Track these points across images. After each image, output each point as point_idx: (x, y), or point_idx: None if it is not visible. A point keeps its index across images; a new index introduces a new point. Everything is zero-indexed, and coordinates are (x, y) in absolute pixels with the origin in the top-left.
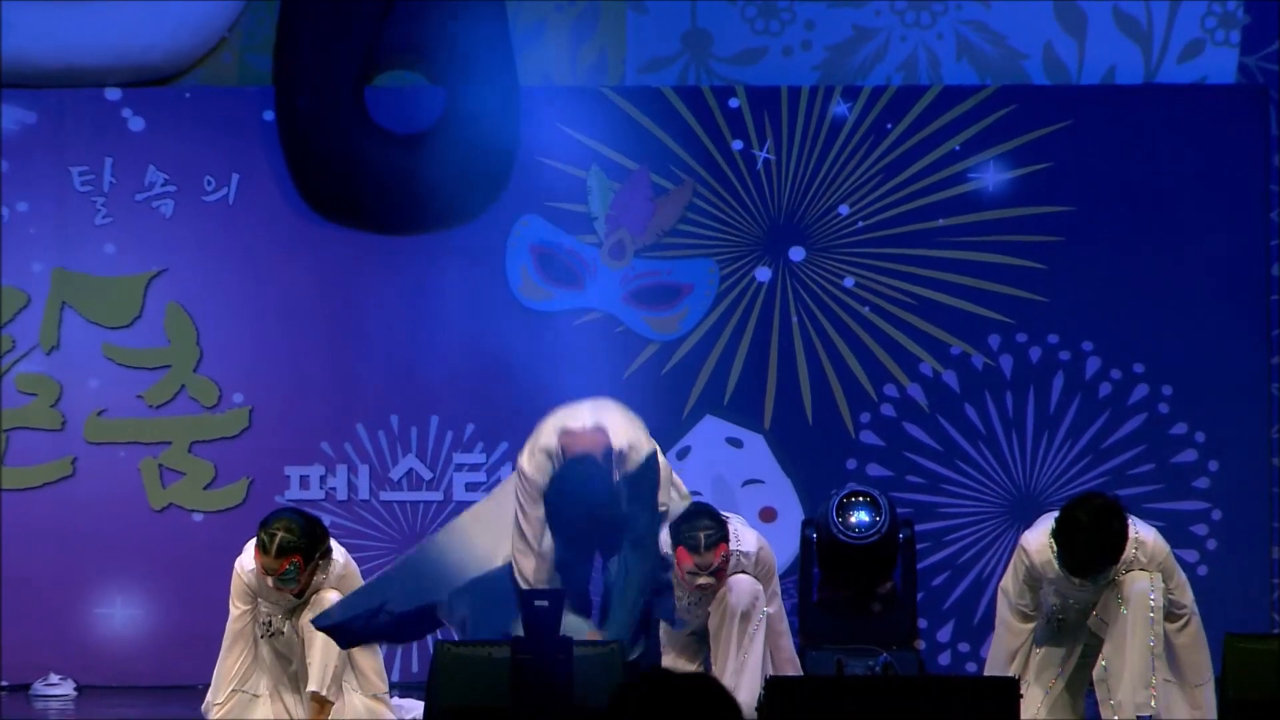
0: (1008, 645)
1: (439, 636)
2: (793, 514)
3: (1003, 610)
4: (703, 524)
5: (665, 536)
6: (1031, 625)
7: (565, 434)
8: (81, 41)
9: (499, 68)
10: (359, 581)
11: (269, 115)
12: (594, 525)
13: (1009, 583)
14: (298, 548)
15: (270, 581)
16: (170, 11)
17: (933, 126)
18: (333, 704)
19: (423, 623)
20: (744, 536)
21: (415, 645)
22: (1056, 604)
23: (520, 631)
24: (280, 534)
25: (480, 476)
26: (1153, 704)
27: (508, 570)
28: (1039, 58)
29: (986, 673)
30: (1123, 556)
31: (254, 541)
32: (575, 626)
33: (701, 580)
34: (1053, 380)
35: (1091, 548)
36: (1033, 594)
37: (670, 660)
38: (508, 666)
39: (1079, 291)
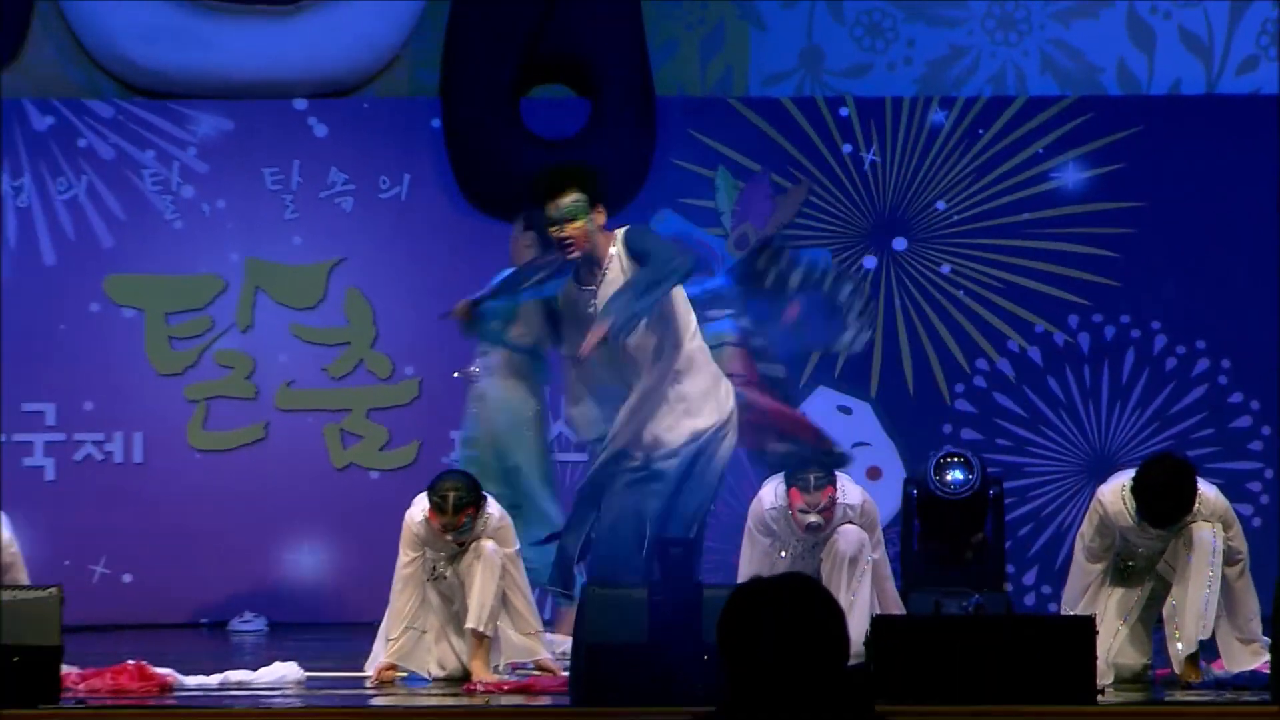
0: (1081, 582)
1: (585, 579)
2: (896, 473)
3: (1078, 552)
4: (813, 469)
5: (769, 489)
6: (1101, 566)
7: None
8: (273, 59)
9: (638, 81)
10: (512, 533)
11: (436, 123)
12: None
13: (1085, 528)
14: (471, 501)
15: (450, 536)
16: (350, 32)
17: (1019, 132)
18: (489, 638)
19: None
20: (850, 491)
21: None
22: (1125, 550)
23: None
24: (452, 493)
25: None
26: (1206, 631)
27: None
28: (1113, 71)
29: (1063, 606)
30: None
31: (422, 496)
32: None
33: (811, 518)
34: (1125, 355)
35: (1167, 501)
36: (1103, 539)
37: None
38: (646, 607)
39: (1148, 277)
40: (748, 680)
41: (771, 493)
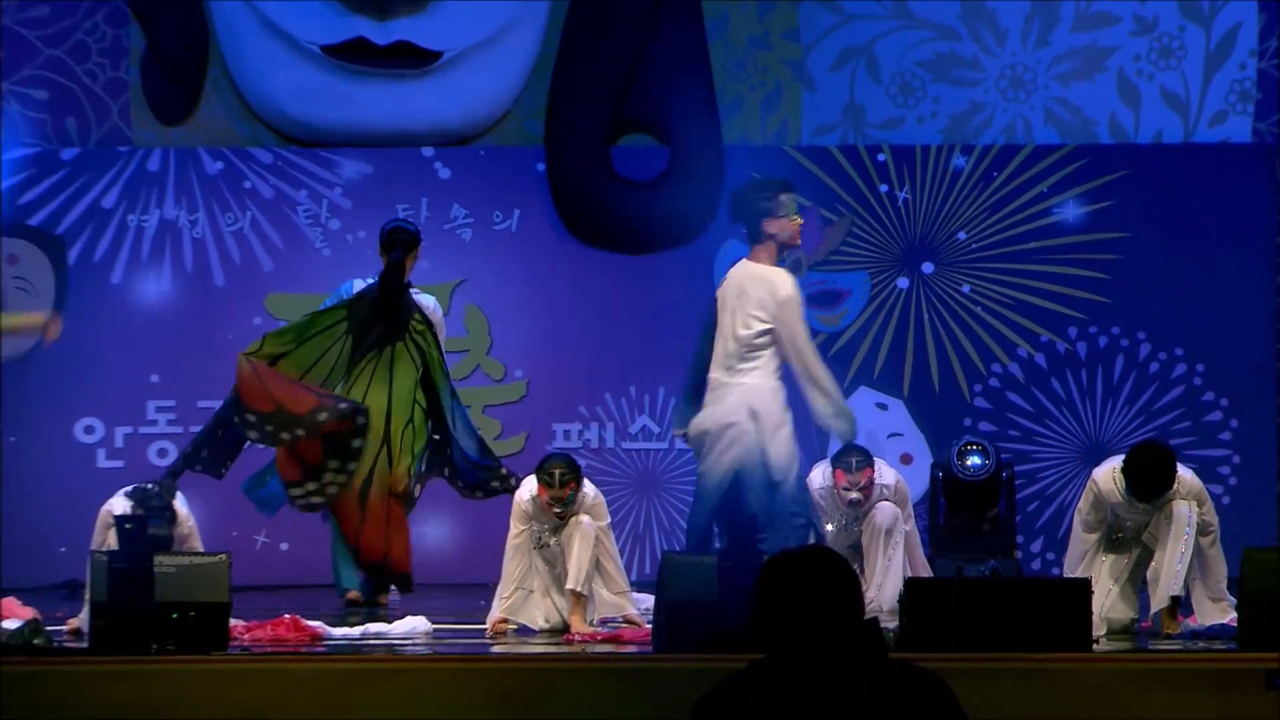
0: (1079, 550)
1: (665, 547)
2: (924, 459)
3: (1076, 525)
4: (855, 453)
5: (817, 472)
6: (1096, 536)
7: None
8: (405, 114)
9: (708, 131)
10: (605, 510)
11: (541, 167)
12: None
13: (1082, 505)
14: (574, 476)
15: (556, 508)
16: (470, 92)
17: (1027, 175)
18: (586, 597)
19: None
20: (886, 473)
21: (648, 553)
22: (1115, 523)
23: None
24: (558, 470)
25: None
26: (1179, 587)
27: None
28: (1105, 123)
29: (1064, 570)
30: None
31: (530, 479)
32: None
33: (853, 495)
34: (1115, 361)
35: (1152, 479)
36: (1097, 514)
37: None
38: (716, 570)
39: (1135, 295)
40: (779, 635)
41: (820, 474)
